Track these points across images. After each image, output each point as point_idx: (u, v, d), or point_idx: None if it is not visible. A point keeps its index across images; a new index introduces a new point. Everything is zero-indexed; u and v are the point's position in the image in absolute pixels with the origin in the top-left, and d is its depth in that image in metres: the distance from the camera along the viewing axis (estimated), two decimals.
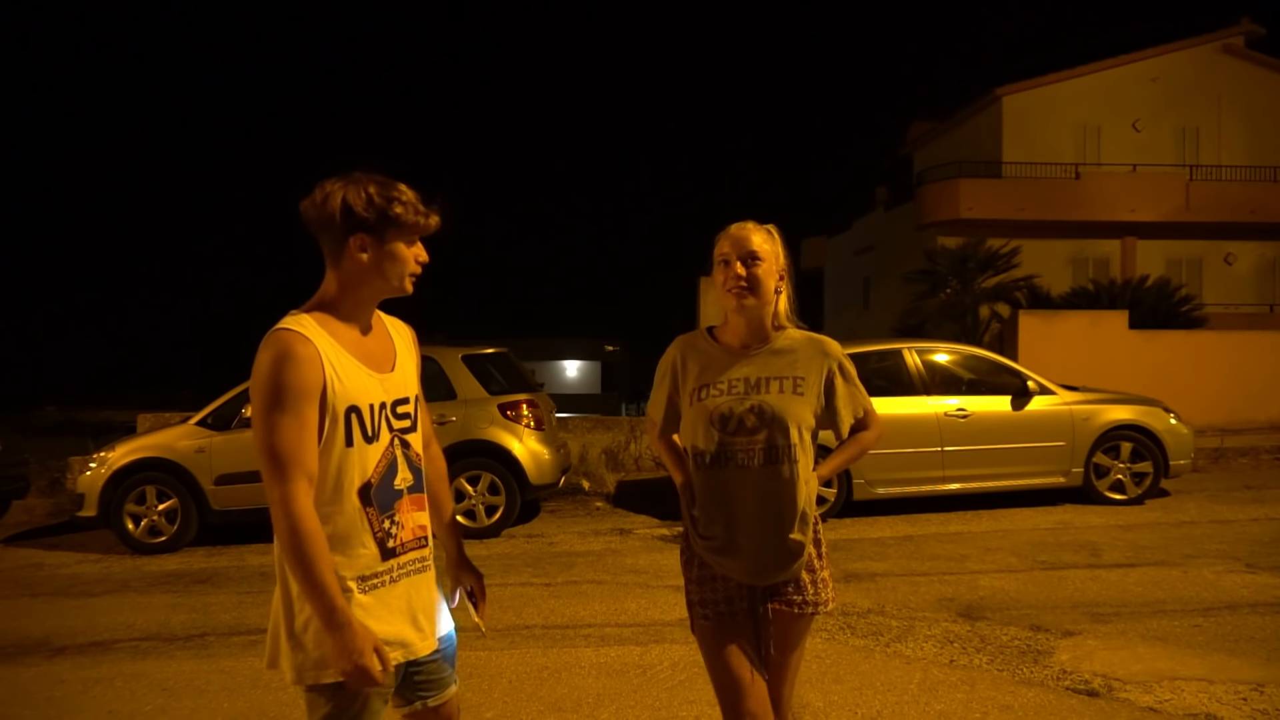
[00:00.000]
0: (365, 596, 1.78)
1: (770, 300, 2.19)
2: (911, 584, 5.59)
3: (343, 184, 1.76)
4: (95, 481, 7.51)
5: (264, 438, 1.66)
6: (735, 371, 2.18)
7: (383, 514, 1.81)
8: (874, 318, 24.05)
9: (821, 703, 3.67)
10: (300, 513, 1.66)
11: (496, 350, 8.58)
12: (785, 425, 2.13)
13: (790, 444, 2.13)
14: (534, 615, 5.17)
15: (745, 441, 2.12)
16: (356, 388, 1.77)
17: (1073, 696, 3.66)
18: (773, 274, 2.18)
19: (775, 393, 2.15)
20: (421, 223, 1.80)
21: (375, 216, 1.74)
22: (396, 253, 1.79)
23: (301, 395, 1.68)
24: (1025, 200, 20.04)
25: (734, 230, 2.19)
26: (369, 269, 1.78)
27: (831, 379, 2.23)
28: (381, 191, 1.75)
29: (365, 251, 1.77)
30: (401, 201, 1.76)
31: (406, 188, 1.79)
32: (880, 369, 8.28)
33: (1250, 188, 20.67)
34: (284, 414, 1.67)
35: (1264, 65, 21.55)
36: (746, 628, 2.17)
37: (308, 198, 1.77)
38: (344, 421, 1.75)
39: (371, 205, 1.74)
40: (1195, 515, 7.50)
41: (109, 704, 3.99)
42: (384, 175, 1.79)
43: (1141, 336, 14.13)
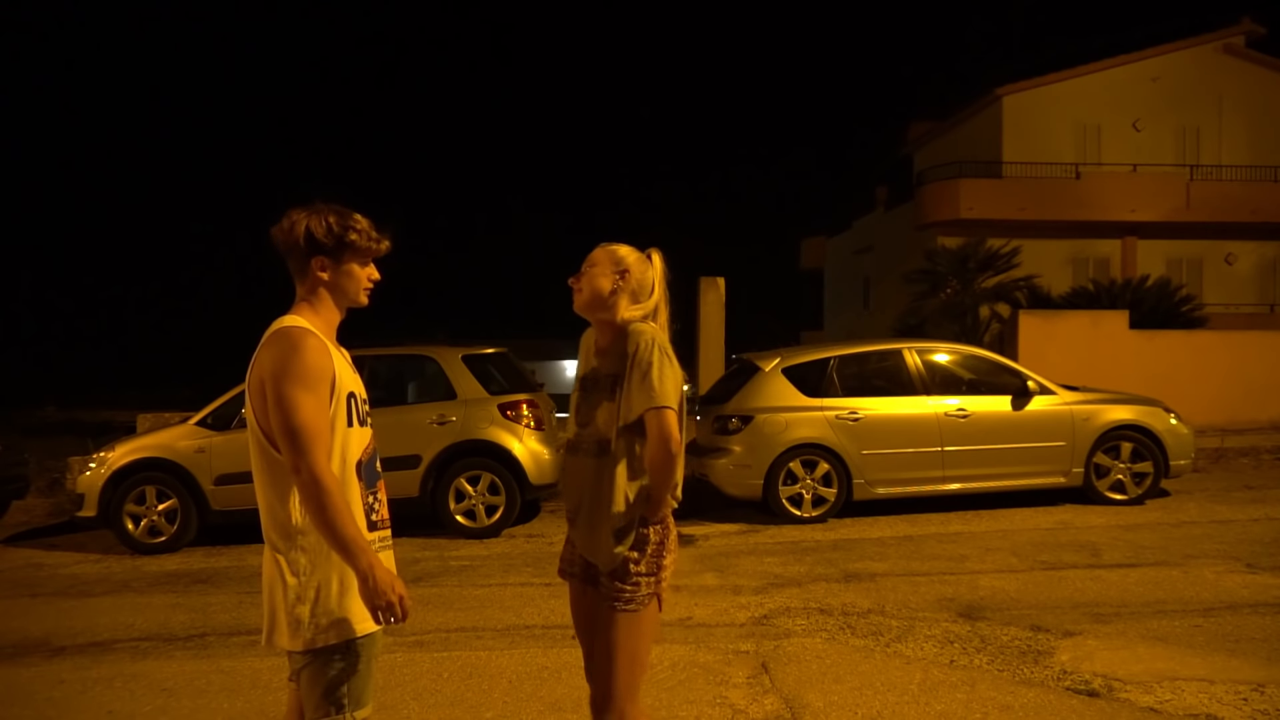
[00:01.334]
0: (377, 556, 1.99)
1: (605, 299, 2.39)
2: (911, 584, 5.59)
3: (306, 214, 2.05)
4: (95, 481, 7.51)
5: (292, 414, 1.92)
6: (588, 366, 2.47)
7: (369, 489, 2.11)
8: (874, 318, 24.05)
9: (821, 703, 3.67)
10: (330, 478, 1.92)
11: (496, 350, 8.58)
12: (604, 421, 2.34)
13: (609, 439, 2.32)
14: (534, 615, 5.17)
15: (585, 434, 2.39)
16: (348, 377, 2.08)
17: (1073, 697, 3.66)
18: (605, 275, 2.39)
19: (604, 390, 2.36)
20: (373, 248, 2.11)
21: (334, 242, 2.05)
22: (352, 272, 2.10)
23: (321, 378, 1.98)
24: (1025, 200, 20.02)
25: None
26: (329, 285, 2.09)
27: (628, 363, 2.30)
28: (339, 221, 2.05)
29: (325, 271, 2.08)
30: (356, 230, 2.07)
31: (361, 217, 2.10)
32: (880, 369, 8.28)
33: (1251, 188, 20.66)
34: (310, 393, 1.95)
35: (1265, 65, 21.53)
36: (585, 594, 2.47)
37: (277, 225, 2.07)
38: (345, 404, 2.04)
39: (330, 233, 2.04)
40: (1196, 515, 7.50)
41: (109, 704, 3.99)
42: (341, 206, 2.10)
43: (1142, 336, 14.12)
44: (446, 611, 5.33)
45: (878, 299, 24.58)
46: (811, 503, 7.77)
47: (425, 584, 6.04)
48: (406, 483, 7.60)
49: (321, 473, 1.90)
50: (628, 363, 2.29)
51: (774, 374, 8.04)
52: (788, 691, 3.82)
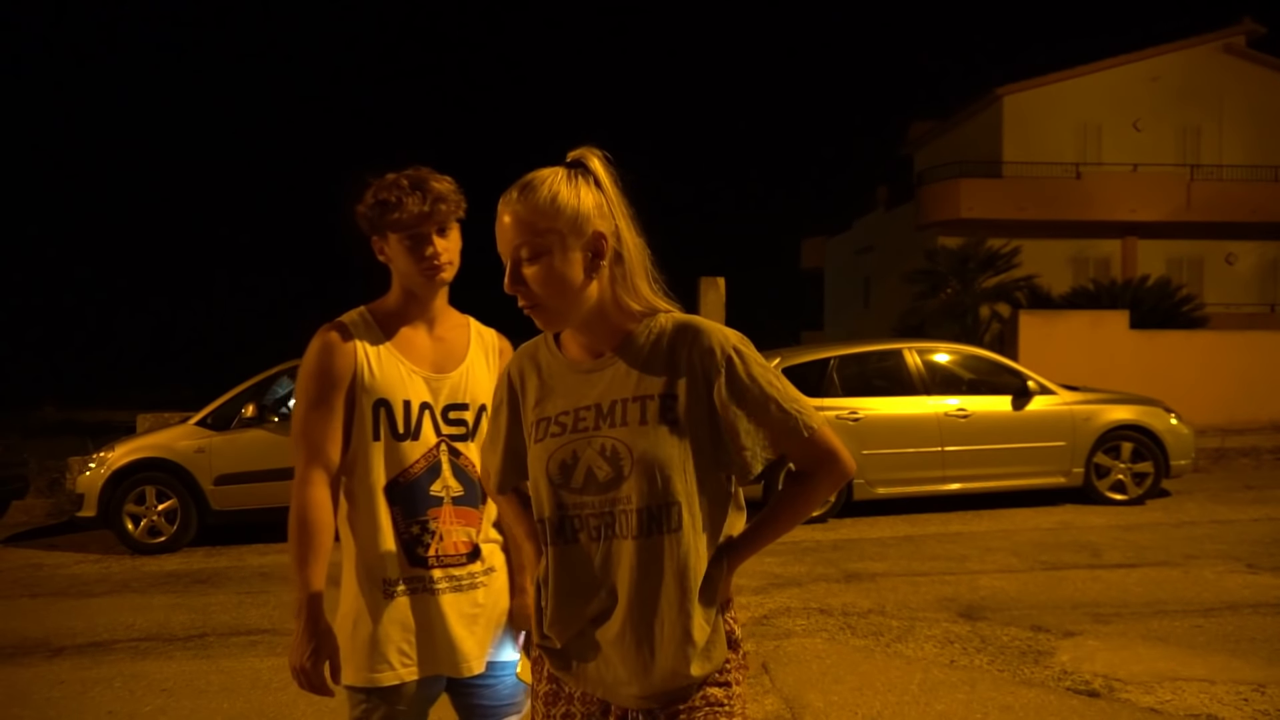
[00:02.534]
0: (389, 601, 1.74)
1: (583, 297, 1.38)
2: (912, 584, 5.58)
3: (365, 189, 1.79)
4: (95, 481, 7.51)
5: (296, 421, 1.75)
6: (575, 394, 1.42)
7: (410, 517, 1.75)
8: (874, 318, 24.04)
9: (822, 703, 3.67)
10: (306, 499, 1.70)
11: None
12: (658, 477, 1.34)
13: (670, 504, 1.34)
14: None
15: (602, 503, 1.37)
16: (391, 382, 1.76)
17: (1074, 697, 3.66)
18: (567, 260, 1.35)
19: (636, 423, 1.36)
20: (415, 210, 1.73)
21: (375, 219, 1.76)
22: (403, 250, 1.76)
23: (332, 384, 1.73)
24: (1026, 200, 20.02)
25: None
26: (393, 267, 1.81)
27: (709, 389, 1.36)
28: (375, 193, 1.75)
29: (381, 253, 1.81)
30: (386, 203, 1.73)
31: (396, 176, 1.76)
32: (880, 369, 8.28)
33: (1251, 187, 20.66)
34: (314, 404, 1.73)
35: (1265, 65, 21.54)
36: None
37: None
38: (370, 414, 1.74)
39: (370, 209, 1.76)
40: (1196, 515, 7.49)
41: (108, 704, 3.99)
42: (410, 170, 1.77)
43: (1142, 336, 14.12)
44: None
45: (878, 299, 24.58)
46: None
47: None
48: None
49: (302, 490, 1.70)
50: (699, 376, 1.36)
51: None
52: (788, 691, 3.82)
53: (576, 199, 1.35)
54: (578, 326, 1.42)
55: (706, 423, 1.37)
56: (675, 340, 1.38)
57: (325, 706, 3.81)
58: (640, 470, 1.35)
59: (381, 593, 1.74)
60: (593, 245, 1.36)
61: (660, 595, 1.35)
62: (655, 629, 1.36)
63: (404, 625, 1.74)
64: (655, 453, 1.34)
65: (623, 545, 1.36)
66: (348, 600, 1.77)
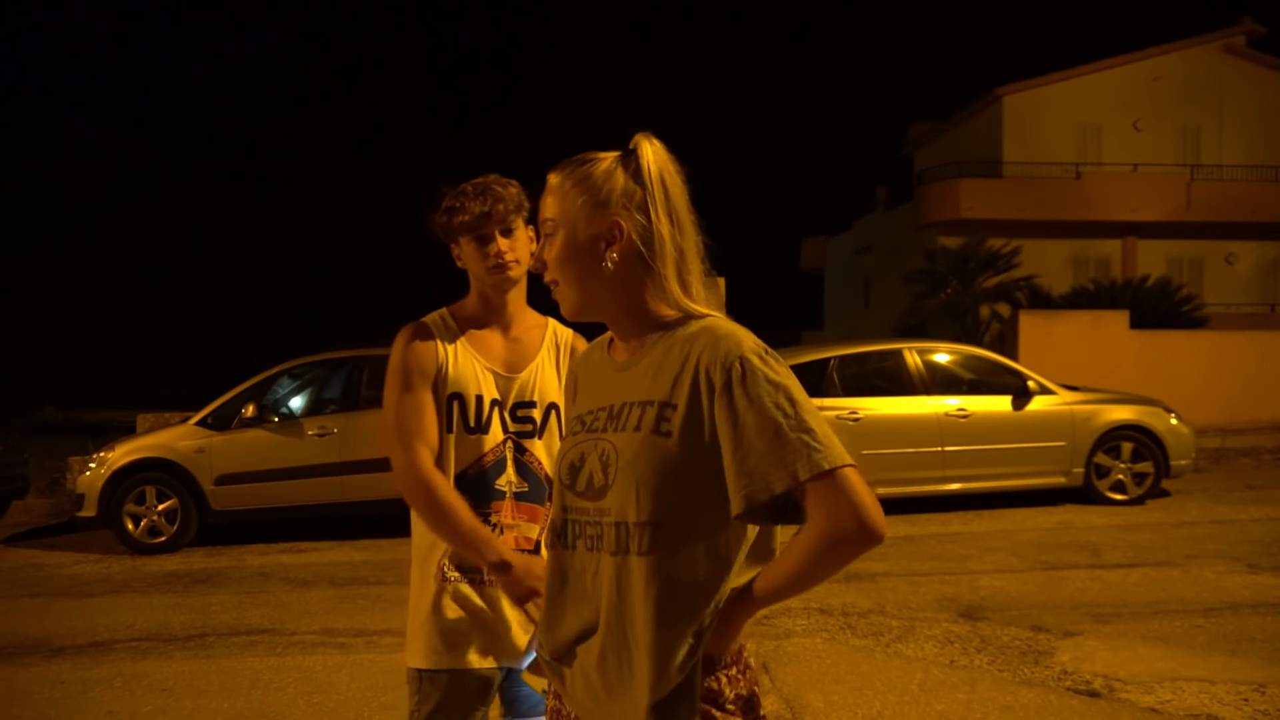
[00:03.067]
0: (450, 588, 1.84)
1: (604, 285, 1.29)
2: (912, 584, 5.58)
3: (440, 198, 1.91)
4: (95, 481, 7.51)
5: (389, 412, 1.83)
6: (601, 392, 1.34)
7: (475, 508, 1.81)
8: (874, 318, 24.04)
9: (822, 703, 3.67)
10: (427, 470, 1.78)
11: None
12: (641, 490, 1.19)
13: (651, 525, 1.18)
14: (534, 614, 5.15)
15: (594, 509, 1.25)
16: (465, 377, 1.86)
17: (1074, 697, 3.66)
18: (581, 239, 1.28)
19: (630, 429, 1.23)
20: (479, 212, 1.84)
21: (445, 225, 1.89)
22: (471, 252, 1.87)
23: (419, 374, 1.83)
24: (1026, 200, 20.02)
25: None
26: (469, 271, 1.92)
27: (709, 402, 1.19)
28: (446, 203, 1.89)
29: (458, 260, 1.92)
30: (452, 208, 1.87)
31: (468, 188, 1.87)
32: (881, 369, 8.28)
33: (1251, 187, 20.66)
34: (405, 391, 1.82)
35: (1265, 65, 21.53)
36: None
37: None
38: (446, 406, 1.84)
39: (441, 216, 1.89)
40: (1196, 515, 7.49)
41: (109, 704, 3.99)
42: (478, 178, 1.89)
43: (1142, 336, 14.12)
44: None
45: (878, 299, 24.58)
46: None
47: None
48: None
49: (418, 466, 1.78)
50: (706, 389, 1.19)
51: None
52: (788, 691, 3.82)
53: (603, 185, 1.26)
54: (611, 323, 1.35)
55: (708, 440, 1.18)
56: (691, 345, 1.23)
57: (325, 706, 3.81)
58: (622, 481, 1.21)
59: (445, 579, 1.83)
60: (605, 235, 1.26)
61: (633, 623, 1.20)
62: (625, 660, 1.22)
63: (468, 614, 1.82)
64: (638, 464, 1.20)
65: (604, 560, 1.23)
66: (416, 586, 1.86)
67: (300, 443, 7.60)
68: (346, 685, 4.01)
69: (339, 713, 3.75)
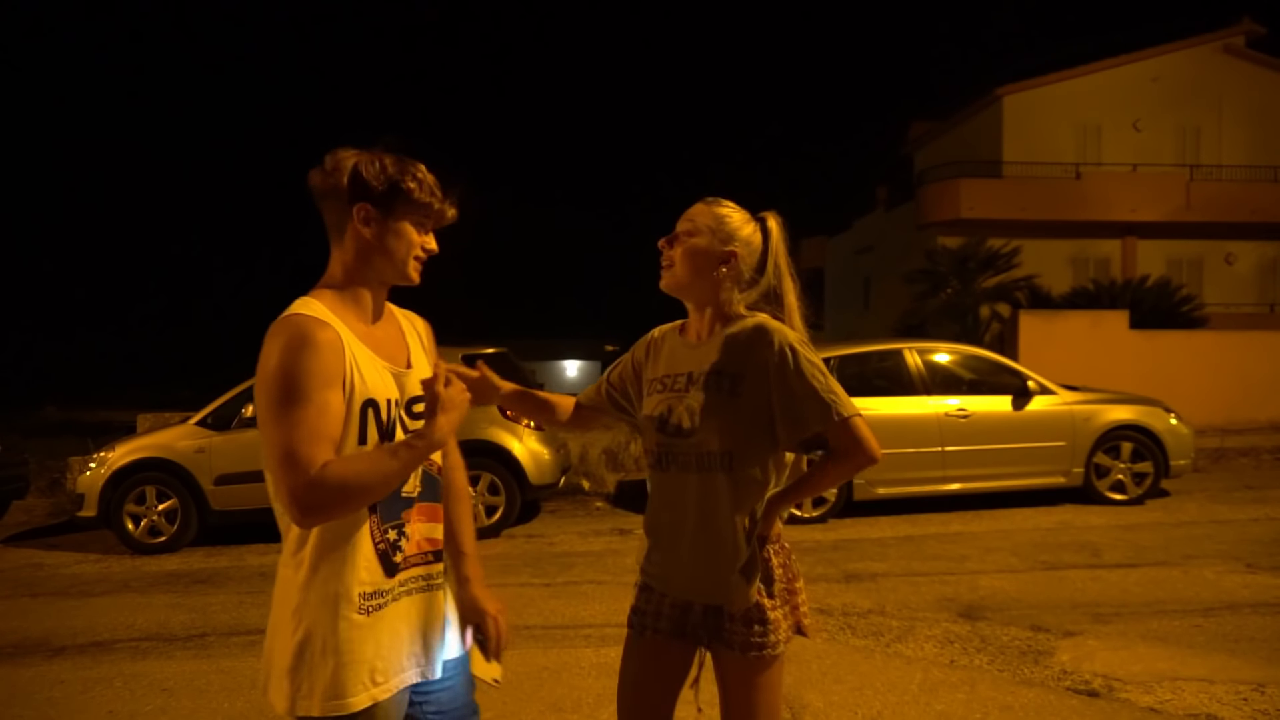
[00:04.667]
0: (363, 618, 1.59)
1: (702, 280, 1.92)
2: (912, 584, 5.58)
3: (357, 153, 1.64)
4: (95, 481, 7.51)
5: (280, 435, 1.47)
6: (681, 365, 1.95)
7: (386, 522, 1.63)
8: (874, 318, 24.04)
9: (822, 703, 3.67)
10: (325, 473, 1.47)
11: (496, 350, 8.59)
12: (718, 430, 1.84)
13: (726, 453, 1.83)
14: (534, 615, 5.16)
15: (684, 445, 1.88)
16: (374, 380, 1.61)
17: (1073, 697, 3.66)
18: (709, 251, 1.90)
19: (709, 390, 1.86)
20: (435, 206, 1.67)
21: (385, 187, 1.61)
22: (402, 231, 1.65)
23: (324, 383, 1.52)
24: (1026, 200, 20.02)
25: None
26: (371, 245, 1.64)
27: (767, 374, 1.83)
28: (397, 164, 1.64)
29: (369, 225, 1.63)
30: (416, 178, 1.64)
31: (425, 169, 1.67)
32: (881, 369, 8.28)
33: (1251, 188, 20.65)
34: (303, 406, 1.48)
35: (1265, 65, 21.53)
36: (668, 656, 1.95)
37: (318, 166, 1.65)
38: (359, 417, 1.58)
39: (384, 175, 1.62)
40: (1196, 515, 7.49)
41: (109, 704, 3.99)
42: (404, 154, 1.68)
43: (1142, 336, 14.12)
44: None
45: (878, 299, 24.57)
46: (812, 502, 7.77)
47: None
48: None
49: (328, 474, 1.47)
50: (765, 364, 1.83)
51: None
52: (788, 691, 3.81)
53: (735, 228, 1.93)
54: (695, 310, 1.97)
55: (764, 398, 1.84)
56: (752, 335, 1.87)
57: None
58: (705, 425, 1.85)
59: (356, 610, 1.59)
60: (723, 256, 1.92)
61: (716, 516, 1.85)
62: (712, 541, 1.85)
63: (376, 640, 1.61)
64: (718, 414, 1.84)
65: (693, 478, 1.87)
66: (307, 627, 1.58)
67: None
68: None
69: None
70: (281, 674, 1.58)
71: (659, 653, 1.95)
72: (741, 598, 1.84)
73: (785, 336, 1.85)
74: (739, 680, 1.88)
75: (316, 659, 1.56)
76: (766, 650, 1.85)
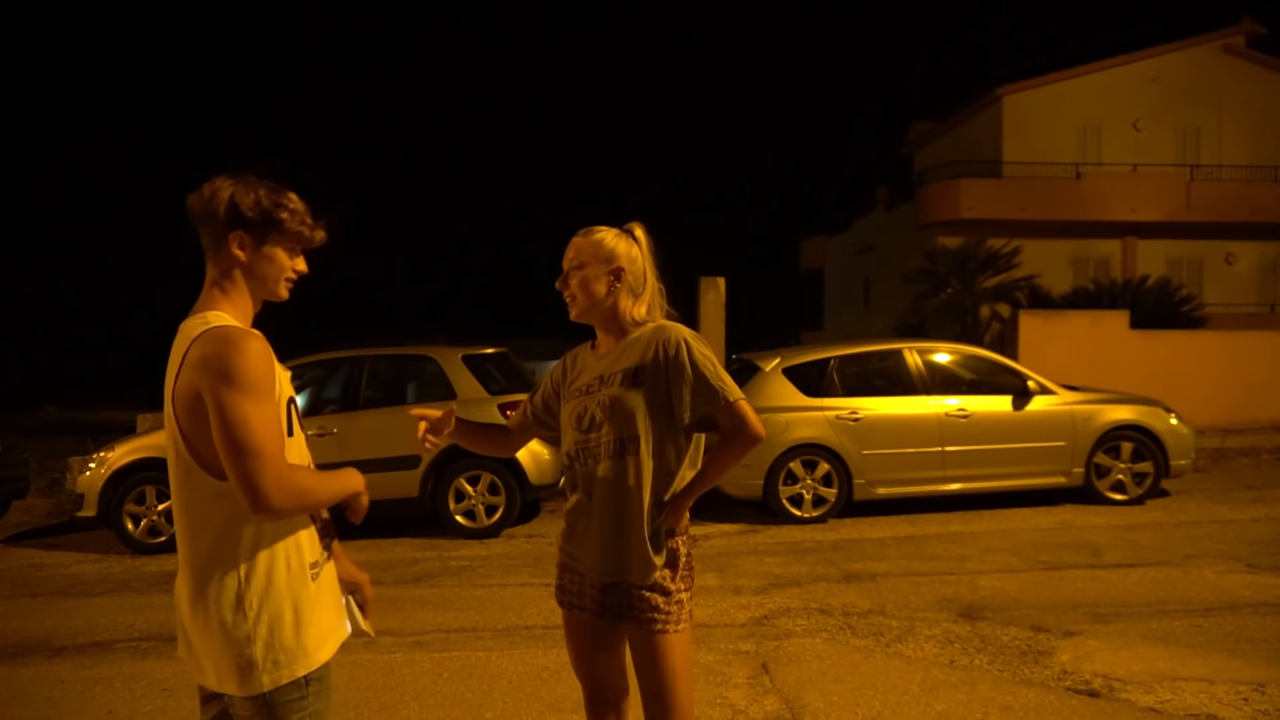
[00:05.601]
0: (315, 584, 1.81)
1: (603, 302, 2.20)
2: (912, 584, 5.58)
3: (233, 182, 1.78)
4: (95, 481, 7.51)
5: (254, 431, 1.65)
6: (593, 372, 2.22)
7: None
8: (874, 318, 24.04)
9: (822, 703, 3.67)
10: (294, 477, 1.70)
11: (496, 350, 8.59)
12: (625, 418, 2.11)
13: (634, 437, 2.10)
14: (534, 615, 5.16)
15: (596, 437, 2.14)
16: (285, 381, 1.82)
17: (1074, 697, 3.66)
18: (598, 277, 2.18)
19: (616, 386, 2.14)
20: (305, 234, 1.84)
21: (259, 217, 1.77)
22: (274, 256, 1.82)
23: (272, 388, 1.73)
24: (1026, 200, 20.02)
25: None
26: (245, 269, 1.81)
27: (665, 365, 2.12)
28: (270, 195, 1.79)
29: (244, 249, 1.79)
30: (288, 209, 1.80)
31: (297, 197, 1.83)
32: (881, 369, 8.28)
33: (1251, 188, 20.66)
34: (269, 406, 1.70)
35: (1265, 65, 21.53)
36: (596, 631, 2.22)
37: (195, 191, 1.79)
38: (286, 412, 1.79)
39: (258, 206, 1.77)
40: (1196, 515, 7.49)
41: (109, 704, 3.99)
42: (277, 182, 1.83)
43: (1142, 336, 14.11)
44: (446, 611, 5.32)
45: (878, 299, 24.59)
46: (812, 503, 7.77)
47: (425, 584, 6.04)
48: (406, 483, 7.60)
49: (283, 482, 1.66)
50: (665, 359, 2.11)
51: (774, 374, 8.03)
52: (788, 692, 3.82)
53: (612, 247, 2.20)
54: (601, 327, 2.25)
55: (663, 386, 2.12)
56: (653, 334, 2.17)
57: None
58: (615, 414, 2.12)
59: (310, 576, 1.80)
60: (614, 274, 2.19)
61: (623, 497, 2.11)
62: (618, 521, 2.11)
63: (324, 601, 1.83)
64: (624, 403, 2.12)
65: (603, 465, 2.13)
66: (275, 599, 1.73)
67: None
68: (346, 685, 4.01)
69: (338, 713, 3.74)
70: (235, 655, 1.71)
71: (589, 629, 2.22)
72: (642, 572, 2.10)
73: (681, 333, 2.14)
74: (644, 652, 2.12)
75: (286, 631, 1.73)
76: (670, 626, 2.10)
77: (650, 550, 2.10)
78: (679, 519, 2.16)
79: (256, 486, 1.64)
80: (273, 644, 1.72)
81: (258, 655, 1.71)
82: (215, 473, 1.70)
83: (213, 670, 1.74)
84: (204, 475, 1.71)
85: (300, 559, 1.78)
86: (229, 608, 1.71)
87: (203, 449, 1.70)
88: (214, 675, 1.74)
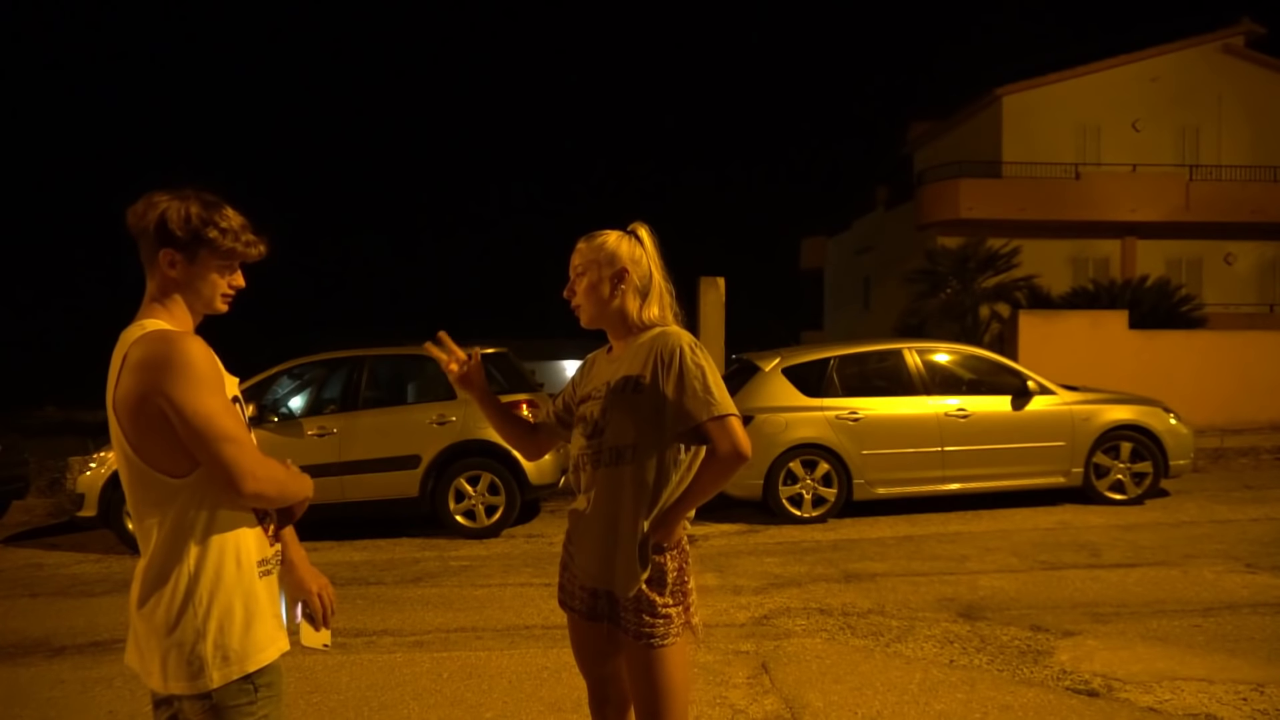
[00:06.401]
0: (262, 581, 1.81)
1: (609, 306, 2.17)
2: (912, 584, 5.59)
3: (169, 198, 1.78)
4: (95, 481, 7.51)
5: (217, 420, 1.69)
6: (602, 377, 2.20)
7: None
8: (874, 318, 24.06)
9: (821, 703, 3.67)
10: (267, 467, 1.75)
11: (496, 350, 8.58)
12: (621, 426, 2.08)
13: (629, 446, 2.07)
14: (534, 615, 5.17)
15: (596, 443, 2.13)
16: (229, 380, 1.85)
17: (1073, 696, 3.66)
18: (601, 282, 2.16)
19: (615, 393, 2.11)
20: (239, 250, 1.82)
21: (189, 236, 1.76)
22: (205, 273, 1.81)
23: (221, 381, 1.78)
24: (1025, 200, 20.03)
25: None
26: (179, 284, 1.81)
27: (660, 371, 2.06)
28: (203, 213, 1.77)
29: (174, 268, 1.79)
30: (220, 227, 1.78)
31: (234, 214, 1.82)
32: (880, 369, 8.28)
33: (1250, 188, 20.66)
34: (221, 396, 1.74)
35: (1264, 65, 21.53)
36: (590, 633, 2.21)
37: (133, 205, 1.80)
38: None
39: (188, 225, 1.76)
40: (1195, 515, 7.50)
41: (109, 704, 3.99)
42: (216, 197, 1.82)
43: (1141, 336, 14.12)
44: (446, 611, 5.33)
45: (878, 299, 24.58)
46: (811, 503, 7.77)
47: (425, 584, 6.04)
48: (406, 483, 7.60)
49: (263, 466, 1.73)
50: (660, 366, 2.06)
51: (774, 374, 8.04)
52: (788, 691, 3.82)
53: (614, 249, 2.16)
54: (612, 331, 2.21)
55: (659, 393, 2.06)
56: (654, 340, 2.12)
57: (325, 706, 3.82)
58: (612, 422, 2.10)
59: (259, 574, 1.81)
60: (617, 276, 2.15)
61: (615, 506, 2.08)
62: (609, 530, 2.09)
63: (271, 599, 1.84)
64: (620, 412, 2.09)
65: (601, 472, 2.11)
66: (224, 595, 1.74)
67: (300, 443, 7.60)
68: (346, 685, 4.01)
69: (339, 712, 3.75)
70: (185, 652, 1.71)
71: (581, 630, 2.24)
72: (625, 584, 2.06)
73: (680, 340, 2.08)
74: (633, 664, 2.10)
75: (235, 627, 1.74)
76: (655, 640, 2.05)
77: (636, 564, 2.05)
78: (669, 534, 2.08)
79: (240, 467, 1.68)
80: (221, 641, 1.72)
81: (207, 652, 1.71)
82: (167, 471, 1.71)
83: (160, 671, 1.73)
84: (157, 476, 1.71)
85: (249, 556, 1.79)
86: (179, 603, 1.71)
87: (151, 451, 1.70)
88: (161, 676, 1.73)
